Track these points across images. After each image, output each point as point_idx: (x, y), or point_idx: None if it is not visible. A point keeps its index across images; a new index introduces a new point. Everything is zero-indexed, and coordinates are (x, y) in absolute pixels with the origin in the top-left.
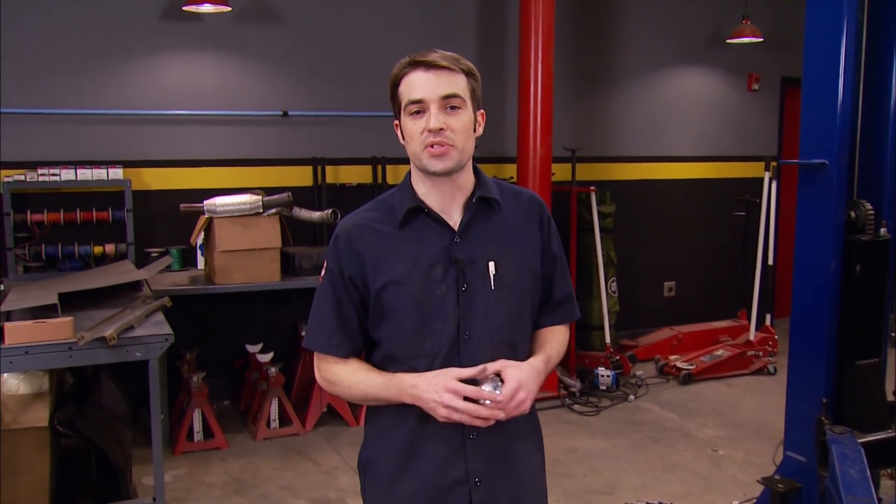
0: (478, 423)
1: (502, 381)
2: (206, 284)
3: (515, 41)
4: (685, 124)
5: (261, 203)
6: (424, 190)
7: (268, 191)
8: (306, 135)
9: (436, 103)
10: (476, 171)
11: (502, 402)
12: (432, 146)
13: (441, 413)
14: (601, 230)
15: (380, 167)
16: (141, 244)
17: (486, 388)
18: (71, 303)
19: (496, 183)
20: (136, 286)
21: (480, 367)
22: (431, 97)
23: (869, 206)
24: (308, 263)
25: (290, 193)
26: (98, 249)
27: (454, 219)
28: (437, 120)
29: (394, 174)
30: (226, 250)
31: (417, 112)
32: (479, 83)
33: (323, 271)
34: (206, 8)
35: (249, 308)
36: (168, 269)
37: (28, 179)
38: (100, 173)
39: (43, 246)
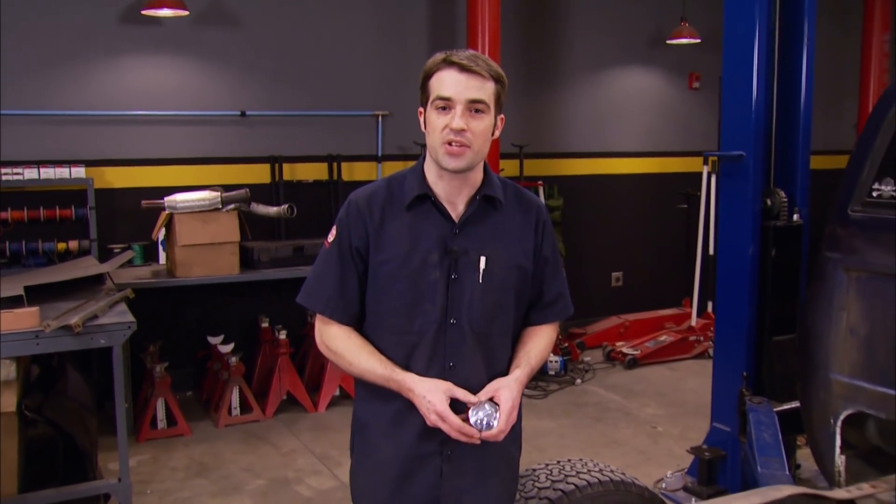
0: (462, 439)
1: (496, 403)
2: (168, 278)
3: (464, 42)
4: (629, 121)
5: (219, 199)
6: (435, 178)
7: (227, 188)
8: (264, 134)
9: (462, 104)
10: (485, 169)
11: (497, 433)
12: (450, 144)
13: (430, 421)
14: None
15: (335, 165)
16: (104, 241)
17: (480, 414)
18: (36, 296)
19: (501, 181)
20: (99, 280)
21: (476, 398)
22: (459, 98)
23: (783, 194)
24: (266, 257)
25: (247, 190)
26: (62, 246)
27: (457, 210)
28: (461, 121)
29: (349, 171)
30: (186, 244)
31: (443, 108)
32: (505, 89)
33: (331, 236)
34: (165, 12)
35: (210, 301)
36: (130, 264)
37: None
38: (63, 172)
39: (7, 243)
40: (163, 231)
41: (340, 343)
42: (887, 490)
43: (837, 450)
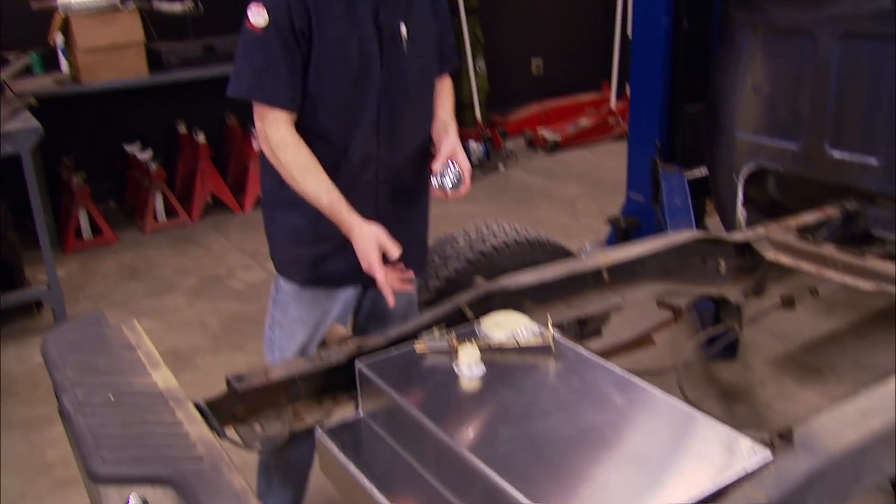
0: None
1: (455, 164)
2: (73, 85)
3: None
4: None
5: None
6: None
7: None
8: None
9: None
10: None
11: (465, 190)
12: None
13: (364, 267)
14: (466, 11)
15: None
16: None
17: (439, 179)
18: None
19: None
20: None
21: (437, 163)
22: None
23: None
24: (175, 58)
25: None
26: None
27: None
28: None
29: None
30: (88, 47)
31: None
32: None
33: (259, 19)
34: None
35: (123, 108)
36: (30, 73)
37: None
38: None
39: None
40: (60, 36)
41: (289, 155)
42: (779, 231)
43: (740, 204)
